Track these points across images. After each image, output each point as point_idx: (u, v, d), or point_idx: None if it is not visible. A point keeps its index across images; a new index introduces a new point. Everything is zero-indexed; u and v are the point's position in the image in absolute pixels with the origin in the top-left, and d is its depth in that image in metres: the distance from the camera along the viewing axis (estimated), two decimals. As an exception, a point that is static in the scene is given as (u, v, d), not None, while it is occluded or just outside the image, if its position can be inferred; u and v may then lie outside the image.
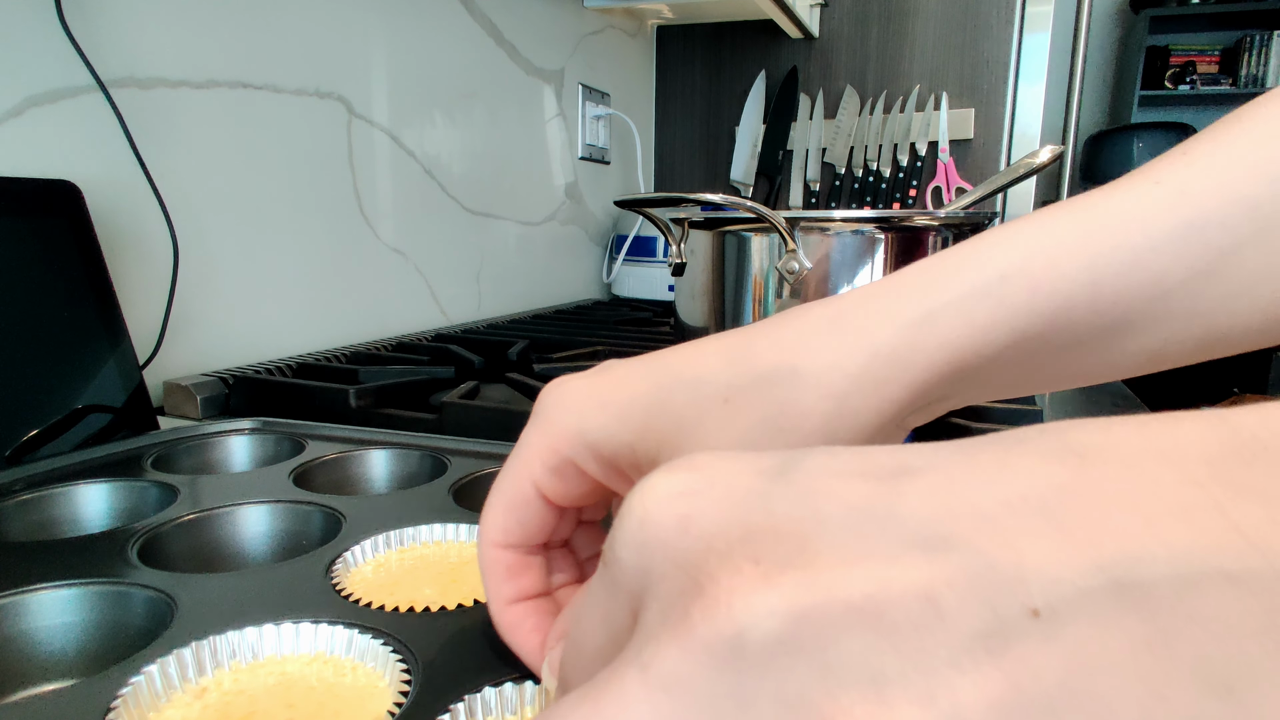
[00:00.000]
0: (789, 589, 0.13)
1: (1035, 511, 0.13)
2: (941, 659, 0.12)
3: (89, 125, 0.64)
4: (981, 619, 0.12)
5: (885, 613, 0.12)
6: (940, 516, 0.13)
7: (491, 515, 0.26)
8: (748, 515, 0.14)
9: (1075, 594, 0.12)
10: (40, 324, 0.53)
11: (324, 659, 0.29)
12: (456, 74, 1.08)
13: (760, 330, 0.26)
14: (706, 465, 0.15)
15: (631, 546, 0.15)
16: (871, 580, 0.12)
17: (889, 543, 0.13)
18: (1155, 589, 0.12)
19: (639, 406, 0.25)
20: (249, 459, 0.55)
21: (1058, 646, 0.12)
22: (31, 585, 0.33)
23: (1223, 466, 0.13)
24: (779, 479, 0.14)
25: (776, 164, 1.58)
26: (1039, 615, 0.12)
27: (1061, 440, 0.14)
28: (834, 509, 0.14)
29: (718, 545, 0.14)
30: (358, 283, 0.93)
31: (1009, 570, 0.12)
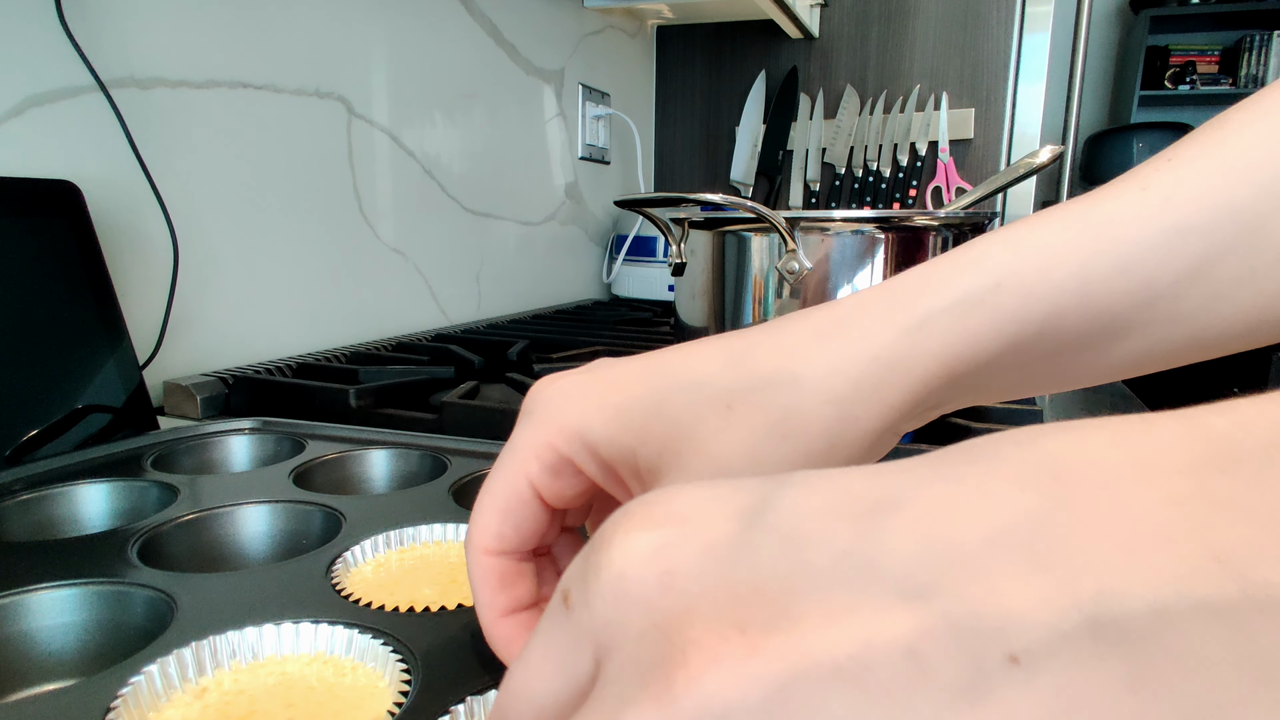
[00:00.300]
0: (774, 656, 0.13)
1: (1015, 548, 0.13)
2: (925, 714, 0.12)
3: (89, 125, 0.64)
4: (962, 670, 0.12)
5: (869, 671, 0.12)
6: (921, 561, 0.13)
7: (484, 520, 0.25)
8: (730, 572, 0.14)
9: (1053, 637, 0.12)
10: (40, 324, 0.53)
11: (324, 659, 0.29)
12: (456, 74, 1.08)
13: (759, 335, 0.26)
14: (683, 507, 0.15)
15: (607, 599, 0.15)
16: (855, 638, 0.12)
17: (872, 594, 0.13)
18: (1133, 626, 0.12)
19: (638, 410, 0.24)
20: (249, 459, 0.55)
21: (1037, 692, 0.12)
22: (32, 585, 0.33)
23: (1200, 478, 0.13)
24: (758, 525, 0.14)
25: (776, 164, 1.58)
26: (1018, 662, 0.12)
27: (1038, 457, 0.14)
28: (816, 558, 0.13)
29: (702, 608, 0.13)
30: (358, 283, 0.93)
31: (989, 617, 0.12)
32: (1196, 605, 0.12)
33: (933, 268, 0.26)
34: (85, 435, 0.54)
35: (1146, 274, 0.25)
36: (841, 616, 0.13)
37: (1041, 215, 0.26)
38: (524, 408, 0.26)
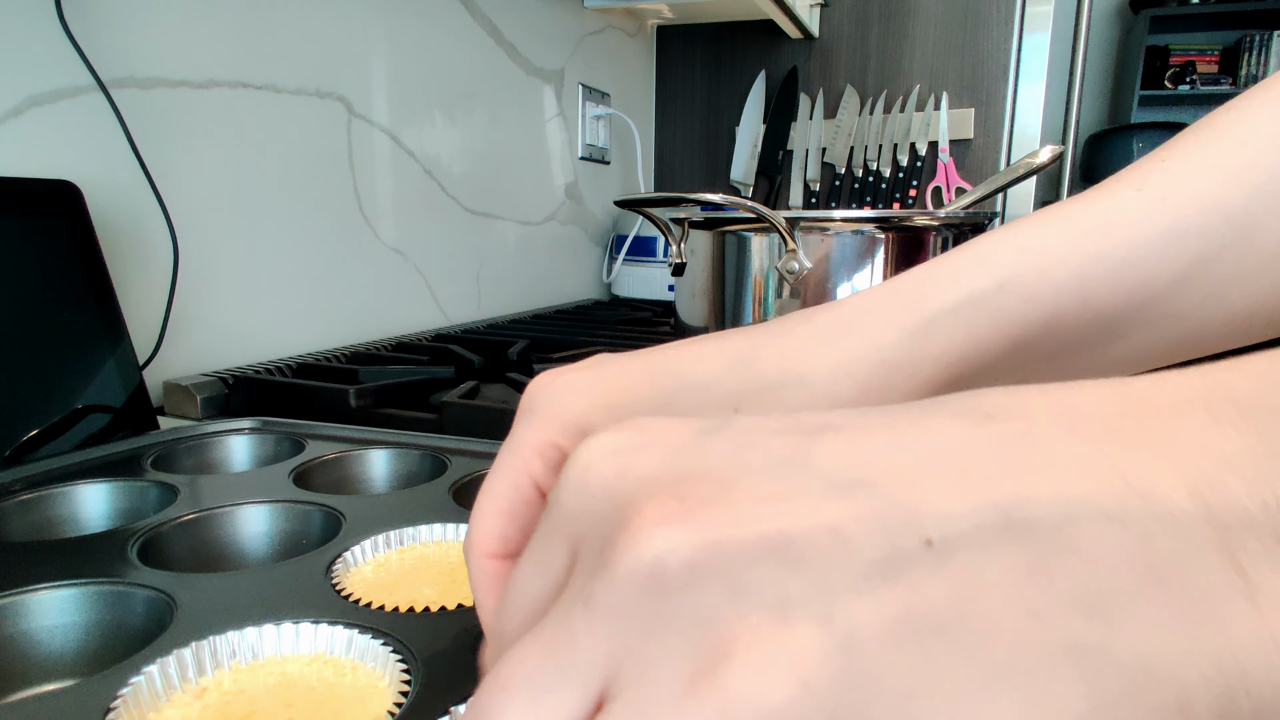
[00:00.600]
0: (706, 520, 0.14)
1: (941, 460, 0.14)
2: (842, 585, 0.13)
3: (89, 125, 0.64)
4: (881, 550, 0.13)
5: (794, 543, 0.13)
6: (855, 464, 0.14)
7: (486, 522, 0.25)
8: (679, 460, 0.15)
9: (967, 527, 0.13)
10: (40, 324, 0.53)
11: (324, 659, 0.29)
12: (456, 74, 1.08)
13: (762, 336, 0.26)
14: (650, 424, 0.17)
15: (573, 490, 0.16)
16: (784, 515, 0.14)
17: (805, 485, 0.14)
18: (1039, 524, 0.13)
19: (644, 411, 0.24)
20: (249, 459, 0.55)
21: (947, 572, 0.13)
22: (31, 585, 0.33)
23: (1117, 425, 0.14)
24: (713, 433, 0.16)
25: (776, 164, 1.58)
26: (932, 545, 0.13)
27: (975, 402, 0.15)
28: (758, 457, 0.15)
29: (649, 486, 0.15)
30: (358, 282, 0.93)
31: (910, 508, 0.13)
32: (1101, 511, 0.13)
33: (935, 268, 0.26)
34: (85, 435, 0.54)
35: (1143, 274, 0.26)
36: (773, 499, 0.14)
37: (1040, 215, 0.27)
38: (523, 405, 0.26)
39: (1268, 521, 0.13)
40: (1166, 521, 0.13)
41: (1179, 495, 0.13)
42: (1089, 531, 0.13)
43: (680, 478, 0.15)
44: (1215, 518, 0.13)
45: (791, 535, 0.13)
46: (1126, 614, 0.13)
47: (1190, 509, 0.13)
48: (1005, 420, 0.14)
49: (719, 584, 0.13)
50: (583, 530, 0.16)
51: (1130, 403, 0.14)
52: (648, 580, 0.14)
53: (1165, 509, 0.13)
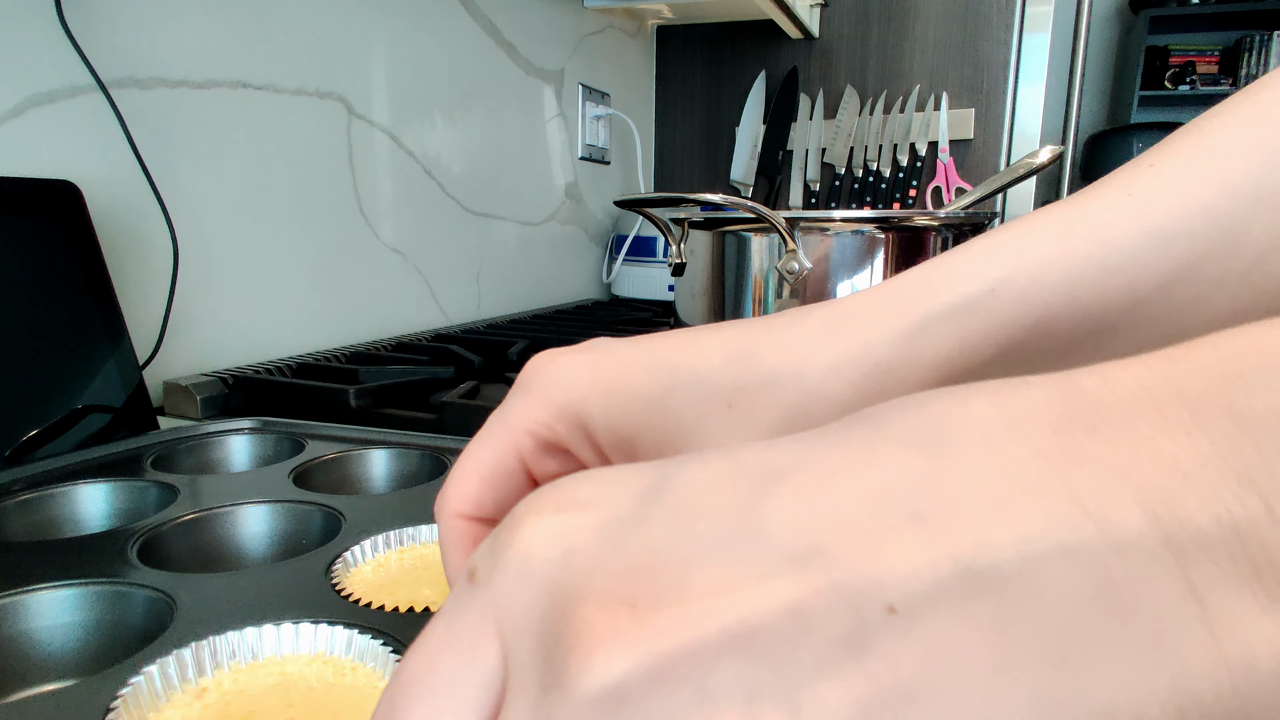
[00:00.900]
0: (661, 630, 0.13)
1: (894, 506, 0.13)
2: (809, 668, 0.13)
3: (89, 125, 0.64)
4: (845, 624, 0.13)
5: (757, 634, 0.13)
6: (807, 526, 0.14)
7: (465, 485, 0.25)
8: (624, 548, 0.14)
9: (928, 588, 0.13)
10: (40, 324, 0.53)
11: (324, 659, 0.29)
12: (456, 74, 1.08)
13: (760, 332, 0.26)
14: (591, 494, 0.16)
15: (512, 576, 0.15)
16: (742, 605, 0.13)
17: (758, 563, 0.13)
18: (1000, 572, 0.13)
19: (641, 401, 0.24)
20: (249, 459, 0.55)
21: (913, 639, 0.12)
22: (31, 585, 0.33)
23: (1068, 434, 0.14)
24: (654, 501, 0.15)
25: (776, 164, 1.58)
26: (895, 612, 0.13)
27: (922, 418, 0.15)
28: (705, 530, 0.14)
29: (595, 585, 0.14)
30: (358, 283, 0.93)
31: (869, 573, 0.13)
32: (1057, 548, 0.13)
33: (929, 270, 0.26)
34: (85, 435, 0.54)
35: (1131, 277, 0.26)
36: (729, 586, 0.13)
37: (1033, 218, 0.27)
38: (521, 380, 0.25)
39: (1221, 539, 0.12)
40: (1124, 549, 0.13)
41: (1134, 518, 0.13)
42: (1049, 572, 0.13)
43: (627, 569, 0.14)
44: (1171, 539, 0.13)
45: (752, 624, 0.13)
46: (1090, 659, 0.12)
47: (1146, 532, 0.13)
48: (956, 444, 0.14)
49: (683, 690, 0.13)
50: (519, 625, 0.15)
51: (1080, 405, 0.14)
52: (610, 702, 0.13)
53: (1122, 535, 0.13)
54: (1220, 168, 0.26)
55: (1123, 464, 0.13)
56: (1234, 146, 0.26)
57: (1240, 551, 0.12)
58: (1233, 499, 0.13)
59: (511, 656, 0.15)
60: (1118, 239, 0.26)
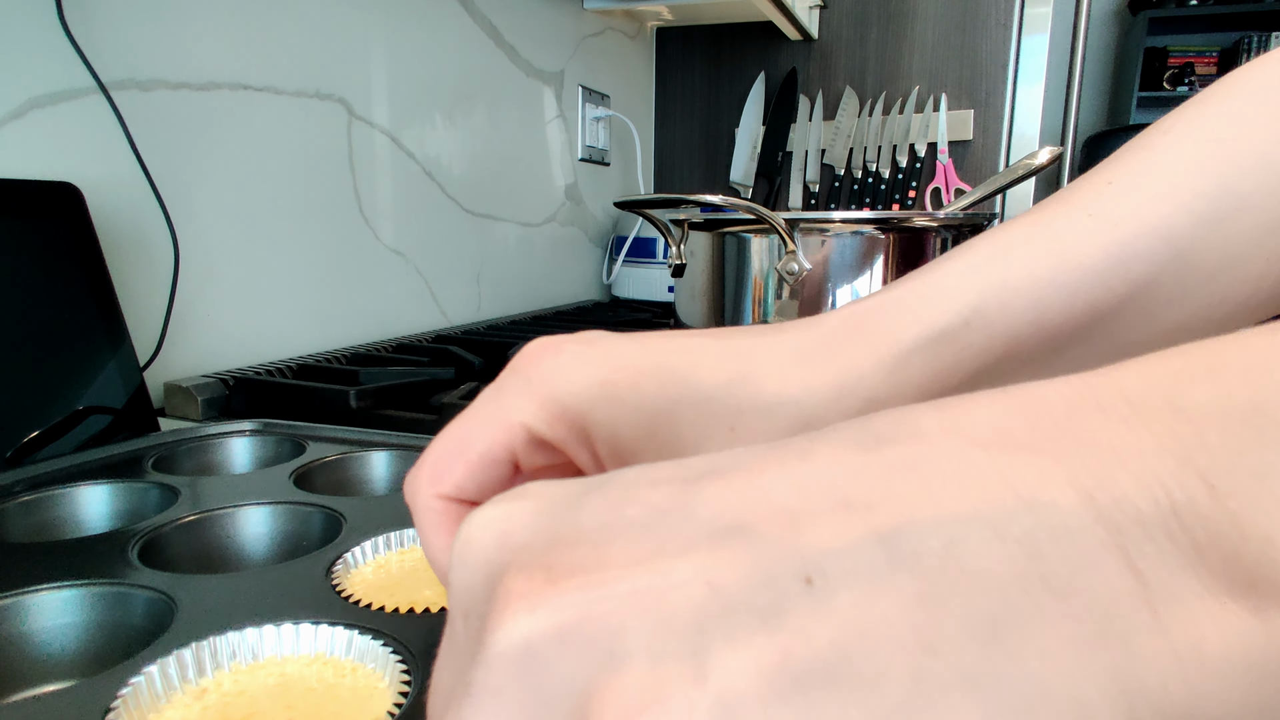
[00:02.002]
0: (573, 588, 0.13)
1: (824, 493, 0.13)
2: (718, 637, 0.12)
3: (90, 127, 0.64)
4: (758, 595, 0.12)
5: (667, 600, 0.13)
6: (733, 508, 0.14)
7: (446, 467, 0.24)
8: (554, 525, 0.15)
9: (849, 561, 0.12)
10: (41, 325, 0.53)
11: (324, 660, 0.29)
12: (457, 76, 1.08)
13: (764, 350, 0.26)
14: (534, 489, 0.16)
15: (456, 568, 0.15)
16: (657, 573, 0.13)
17: (681, 538, 0.13)
18: (925, 549, 0.12)
19: (646, 414, 0.24)
20: (249, 460, 0.55)
21: (830, 611, 0.12)
22: (32, 586, 0.33)
23: (1006, 430, 0.14)
24: (592, 492, 0.15)
25: (776, 165, 1.58)
26: (812, 584, 0.12)
27: (866, 427, 0.15)
28: (636, 511, 0.14)
29: (522, 557, 0.14)
30: (358, 284, 0.93)
31: (789, 547, 0.13)
32: (988, 526, 0.12)
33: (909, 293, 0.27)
34: (86, 437, 0.54)
35: (1093, 298, 0.27)
36: (647, 557, 0.13)
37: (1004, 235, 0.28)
38: (518, 367, 0.25)
39: (1159, 519, 0.12)
40: (1058, 530, 0.12)
41: (1068, 499, 0.12)
42: (977, 550, 0.12)
43: (553, 544, 0.14)
44: (1107, 519, 0.12)
45: (665, 592, 0.13)
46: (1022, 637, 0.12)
47: (1081, 512, 0.12)
48: (894, 442, 0.14)
49: (591, 651, 0.13)
50: (467, 608, 0.15)
51: (1023, 406, 0.14)
52: (521, 659, 0.13)
53: (1055, 516, 0.12)
54: (1175, 187, 0.27)
55: (1058, 452, 0.13)
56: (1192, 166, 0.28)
57: (1180, 531, 0.12)
58: (1171, 480, 0.12)
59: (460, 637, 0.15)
60: (1081, 261, 0.27)
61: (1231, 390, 0.13)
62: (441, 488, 0.24)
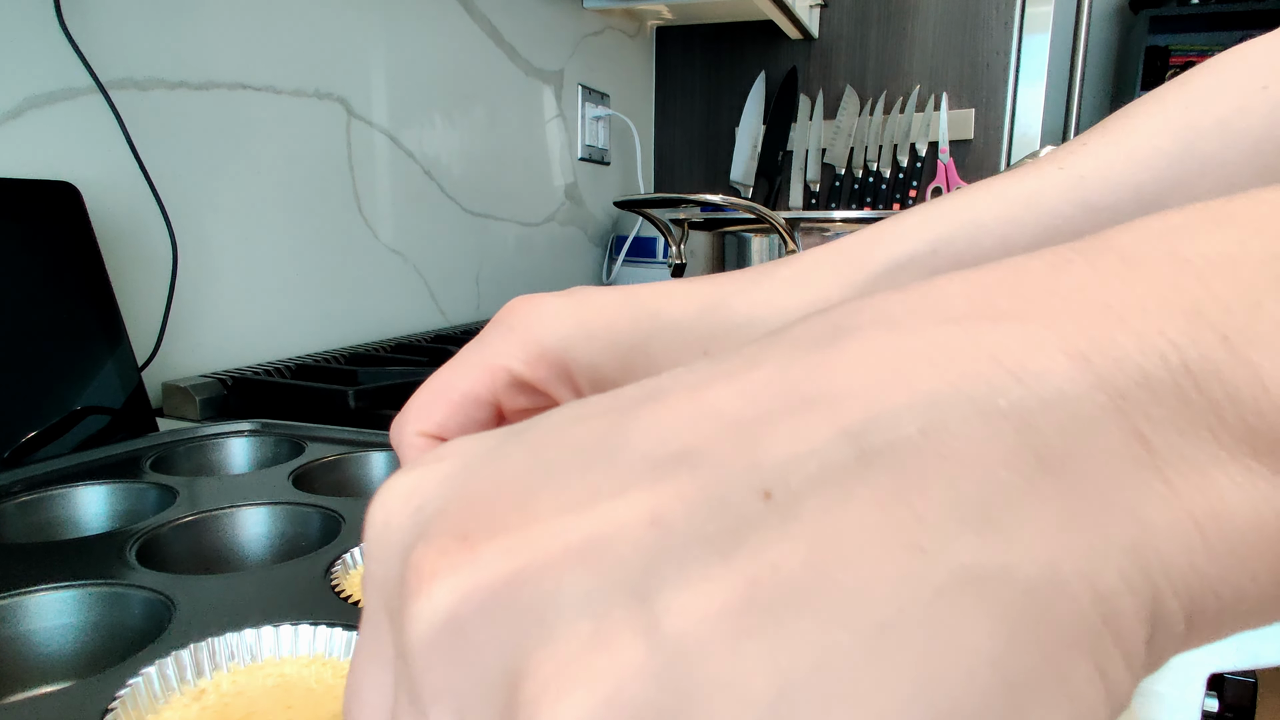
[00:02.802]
0: (496, 554, 0.11)
1: (778, 398, 0.12)
2: (668, 579, 0.10)
3: (88, 127, 0.64)
4: (710, 522, 0.11)
5: (607, 549, 0.11)
6: (676, 431, 0.12)
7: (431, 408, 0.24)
8: (469, 485, 0.13)
9: (813, 468, 0.11)
10: (39, 325, 0.53)
11: (323, 661, 0.29)
12: (456, 75, 1.08)
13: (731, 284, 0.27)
14: (448, 449, 0.14)
15: (370, 554, 0.14)
16: (592, 522, 0.11)
17: (617, 476, 0.12)
18: (899, 439, 0.11)
19: (623, 346, 0.25)
20: (248, 460, 0.55)
21: (797, 527, 0.10)
22: (30, 587, 0.33)
23: (984, 299, 0.12)
24: (511, 440, 0.13)
25: (776, 164, 1.58)
26: (771, 497, 0.11)
27: (823, 320, 0.13)
28: (560, 455, 0.12)
29: (432, 527, 0.12)
30: (357, 284, 0.93)
31: (741, 465, 0.11)
32: (971, 404, 0.11)
33: (882, 228, 0.28)
34: (84, 437, 0.54)
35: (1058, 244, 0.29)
36: (576, 505, 0.12)
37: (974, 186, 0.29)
38: (500, 319, 0.25)
39: (1169, 379, 0.11)
40: (1050, 400, 0.11)
41: (1060, 366, 0.11)
42: (960, 431, 0.11)
43: (469, 507, 0.12)
44: (1107, 384, 0.11)
45: (600, 540, 0.11)
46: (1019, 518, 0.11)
47: (1076, 378, 0.11)
48: (856, 331, 0.12)
49: (523, 617, 0.11)
50: (389, 596, 0.13)
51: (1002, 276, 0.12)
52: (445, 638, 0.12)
53: (1047, 385, 0.11)
54: (1144, 147, 0.28)
55: (1046, 316, 0.12)
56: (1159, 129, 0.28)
57: (1193, 391, 0.11)
58: (1180, 336, 0.11)
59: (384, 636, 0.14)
60: (1049, 209, 0.28)
61: (1244, 238, 0.12)
62: (424, 426, 0.24)
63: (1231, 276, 0.11)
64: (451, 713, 0.12)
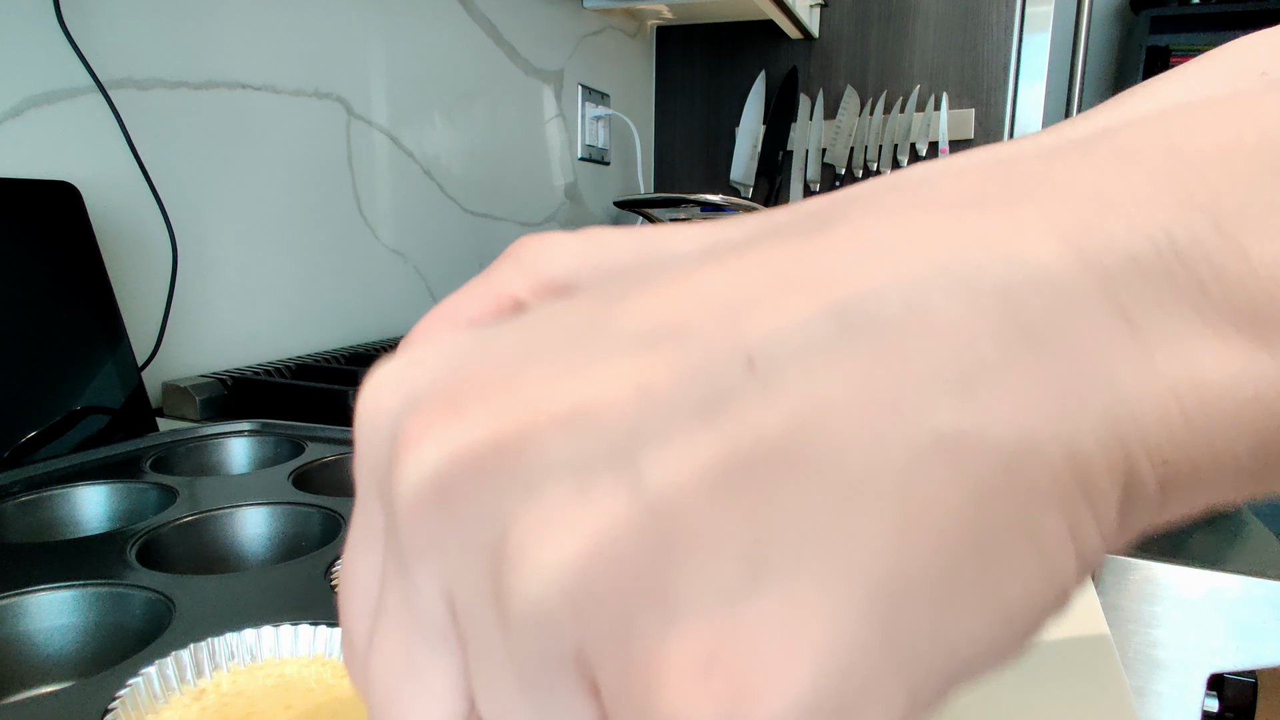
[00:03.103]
0: (483, 417, 0.12)
1: (767, 280, 0.12)
2: (652, 442, 0.11)
3: (87, 126, 0.63)
4: (695, 389, 0.11)
5: (594, 414, 0.11)
6: (664, 310, 0.12)
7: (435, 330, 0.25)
8: (460, 364, 0.13)
9: (798, 339, 0.11)
10: (39, 325, 0.53)
11: (323, 661, 0.29)
12: (456, 74, 1.08)
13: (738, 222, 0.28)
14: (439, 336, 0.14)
15: (360, 435, 0.14)
16: (580, 389, 0.11)
17: (605, 350, 0.12)
18: (884, 313, 0.11)
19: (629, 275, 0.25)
20: (248, 460, 0.55)
21: (779, 393, 0.11)
22: (30, 587, 0.33)
23: (976, 185, 0.12)
24: (503, 325, 0.14)
25: (776, 164, 1.58)
26: (755, 366, 0.11)
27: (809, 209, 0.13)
28: (553, 333, 0.13)
29: (421, 400, 0.13)
30: (357, 284, 0.93)
31: (727, 337, 0.11)
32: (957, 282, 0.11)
33: None
34: (84, 437, 0.54)
35: None
36: (564, 374, 0.12)
37: None
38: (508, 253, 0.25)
39: (1157, 262, 0.11)
40: (1037, 278, 0.11)
41: (1048, 247, 0.11)
42: (944, 306, 0.11)
43: (459, 379, 0.13)
44: (1094, 264, 0.11)
45: (587, 406, 0.11)
46: (997, 386, 0.11)
47: (1064, 259, 0.11)
48: (845, 220, 0.12)
49: (508, 478, 0.11)
50: (379, 475, 0.13)
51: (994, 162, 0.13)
52: (432, 499, 0.12)
53: (1034, 266, 0.11)
54: None
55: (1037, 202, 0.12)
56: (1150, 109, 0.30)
57: (1182, 271, 0.11)
58: (1171, 221, 0.11)
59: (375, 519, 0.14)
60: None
61: (1240, 130, 0.12)
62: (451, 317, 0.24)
63: (1226, 166, 0.12)
64: (436, 571, 0.12)
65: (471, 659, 0.12)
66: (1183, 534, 0.43)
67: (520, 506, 0.11)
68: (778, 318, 0.11)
